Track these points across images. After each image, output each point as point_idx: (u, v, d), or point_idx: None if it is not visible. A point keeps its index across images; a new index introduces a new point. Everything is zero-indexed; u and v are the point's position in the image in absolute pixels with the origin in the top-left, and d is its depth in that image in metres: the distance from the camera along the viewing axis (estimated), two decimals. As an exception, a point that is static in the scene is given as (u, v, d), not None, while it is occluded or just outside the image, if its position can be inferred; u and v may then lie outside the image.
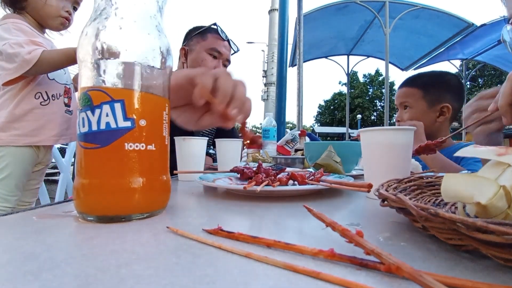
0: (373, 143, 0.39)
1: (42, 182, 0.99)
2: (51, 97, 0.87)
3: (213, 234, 0.23)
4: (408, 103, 0.96)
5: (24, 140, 0.82)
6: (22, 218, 0.28)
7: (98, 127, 0.26)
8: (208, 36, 0.98)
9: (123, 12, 0.28)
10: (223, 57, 0.99)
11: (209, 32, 0.99)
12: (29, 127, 0.82)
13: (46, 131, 0.86)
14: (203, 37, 0.99)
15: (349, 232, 0.18)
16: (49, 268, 0.17)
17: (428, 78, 0.98)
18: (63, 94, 0.91)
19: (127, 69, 0.27)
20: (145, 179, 0.28)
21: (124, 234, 0.24)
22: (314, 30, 4.36)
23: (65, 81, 0.93)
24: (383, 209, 0.31)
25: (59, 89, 0.90)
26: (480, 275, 0.16)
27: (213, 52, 0.97)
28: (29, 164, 0.86)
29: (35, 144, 0.84)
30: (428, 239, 0.22)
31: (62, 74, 0.91)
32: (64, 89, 0.92)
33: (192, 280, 0.15)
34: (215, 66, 0.96)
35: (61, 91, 0.91)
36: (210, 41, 0.97)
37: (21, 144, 0.81)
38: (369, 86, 29.68)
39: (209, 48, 0.97)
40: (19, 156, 0.82)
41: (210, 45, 0.97)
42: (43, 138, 0.85)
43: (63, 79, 0.92)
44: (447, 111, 0.91)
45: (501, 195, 0.20)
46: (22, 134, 0.81)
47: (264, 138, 1.22)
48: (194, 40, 1.00)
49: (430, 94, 0.93)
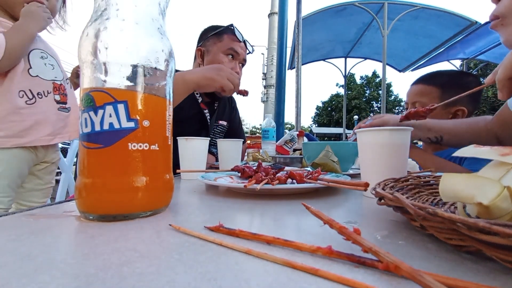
0: (370, 143, 0.40)
1: (53, 181, 0.96)
2: (37, 95, 0.81)
3: (215, 231, 0.23)
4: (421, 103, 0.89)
5: (11, 142, 0.77)
6: (21, 219, 0.28)
7: (101, 128, 0.27)
8: (225, 37, 0.98)
9: (125, 13, 0.28)
10: (240, 57, 1.00)
11: (225, 33, 0.99)
12: (16, 128, 0.77)
13: (36, 131, 0.81)
14: (220, 38, 0.99)
15: (346, 230, 0.18)
16: (47, 269, 0.17)
17: (448, 77, 0.92)
18: (52, 91, 0.85)
19: (130, 71, 0.28)
20: (148, 178, 0.29)
21: (126, 232, 0.24)
22: (313, 33, 4.37)
23: (53, 77, 0.86)
24: (380, 207, 0.32)
25: (46, 86, 0.83)
26: (484, 278, 0.16)
27: (231, 52, 0.97)
28: (25, 164, 0.81)
29: (25, 145, 0.80)
30: (427, 238, 0.22)
31: (48, 70, 0.85)
32: (52, 86, 0.85)
33: (194, 277, 0.16)
34: (233, 67, 0.97)
35: (48, 88, 0.84)
36: (227, 42, 0.97)
37: (8, 146, 0.76)
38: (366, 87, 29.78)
39: (227, 49, 0.97)
40: (9, 157, 0.77)
41: (227, 46, 0.97)
42: (34, 138, 0.80)
43: (49, 75, 0.85)
44: (461, 114, 0.86)
45: (506, 196, 0.19)
46: (8, 135, 0.76)
47: (263, 139, 1.23)
48: (211, 41, 1.00)
49: (447, 94, 0.85)
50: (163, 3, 0.31)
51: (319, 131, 27.16)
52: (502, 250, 0.15)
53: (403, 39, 4.63)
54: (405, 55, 5.15)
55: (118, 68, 0.27)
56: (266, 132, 1.23)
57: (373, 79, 29.03)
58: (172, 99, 0.33)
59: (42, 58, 0.85)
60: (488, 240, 0.15)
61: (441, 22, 4.12)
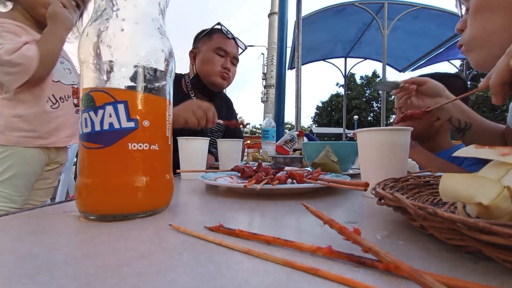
0: (370, 143, 0.40)
1: (56, 181, 0.98)
2: (60, 99, 0.86)
3: (215, 231, 0.23)
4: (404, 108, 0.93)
5: (36, 142, 0.81)
6: (21, 219, 0.28)
7: (101, 128, 0.27)
8: (214, 36, 1.01)
9: (125, 13, 0.28)
10: (230, 55, 1.02)
11: (214, 32, 1.02)
12: (42, 129, 0.82)
13: (58, 133, 0.86)
14: (209, 37, 1.01)
15: (346, 230, 0.18)
16: (47, 270, 0.16)
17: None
18: (72, 95, 0.90)
19: (130, 71, 0.28)
20: (149, 178, 0.29)
21: (126, 232, 0.24)
22: (313, 33, 4.37)
23: (71, 81, 0.91)
24: (380, 207, 0.32)
25: (67, 90, 0.89)
26: (484, 278, 0.16)
27: (220, 51, 1.00)
28: (39, 164, 0.85)
29: (47, 146, 0.84)
30: (427, 238, 0.22)
31: (67, 74, 0.90)
32: (72, 90, 0.91)
33: (194, 277, 0.16)
34: (223, 64, 1.00)
35: (69, 93, 0.90)
36: (216, 41, 1.00)
37: (31, 146, 0.80)
38: (366, 87, 29.81)
39: (216, 48, 0.99)
40: (27, 156, 0.80)
41: (216, 45, 0.99)
42: (56, 140, 0.85)
43: (68, 79, 0.90)
44: None
45: (506, 196, 0.19)
46: (34, 136, 0.81)
47: (263, 139, 1.23)
48: (201, 42, 1.03)
49: None
50: (163, 3, 0.31)
51: (319, 131, 27.17)
52: (502, 250, 0.15)
53: (403, 39, 4.63)
54: (405, 55, 5.15)
55: (118, 68, 0.27)
56: (266, 132, 1.23)
57: (373, 79, 29.05)
58: (171, 99, 0.33)
59: (61, 63, 0.88)
60: (488, 240, 0.15)
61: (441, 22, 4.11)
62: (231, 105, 1.26)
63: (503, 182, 0.20)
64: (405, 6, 4.05)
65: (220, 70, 0.99)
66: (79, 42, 0.28)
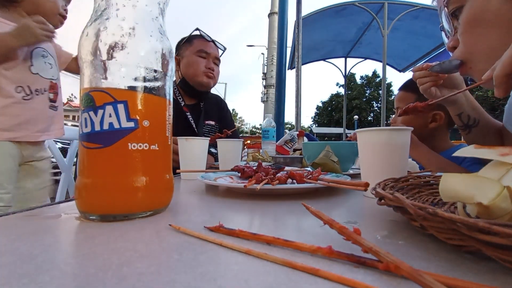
0: (370, 143, 0.40)
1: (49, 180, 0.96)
2: (35, 91, 0.84)
3: (214, 231, 0.23)
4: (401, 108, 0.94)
5: (3, 135, 0.78)
6: (21, 219, 0.28)
7: (101, 128, 0.27)
8: (194, 41, 1.09)
9: (125, 13, 0.28)
10: (211, 55, 1.09)
11: (194, 38, 1.11)
12: (9, 121, 0.79)
13: (28, 127, 0.83)
14: (190, 43, 1.10)
15: (346, 230, 0.18)
16: (47, 269, 0.16)
17: None
18: (48, 89, 0.88)
19: (130, 71, 0.28)
20: (148, 178, 0.29)
21: (126, 232, 0.24)
22: (313, 33, 4.38)
23: (51, 76, 0.89)
24: (380, 208, 0.32)
25: (44, 84, 0.87)
26: (484, 278, 0.16)
27: (201, 53, 1.08)
28: (11, 159, 0.82)
29: (16, 140, 0.81)
30: (427, 238, 0.22)
31: (47, 68, 0.88)
32: (49, 84, 0.89)
33: (194, 277, 0.16)
34: (206, 65, 1.07)
35: (46, 86, 0.87)
36: (197, 45, 1.08)
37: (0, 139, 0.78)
38: (366, 87, 29.81)
39: (197, 51, 1.07)
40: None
41: (198, 48, 1.08)
42: (25, 133, 0.82)
43: (48, 74, 0.88)
44: (439, 118, 0.88)
45: (505, 196, 0.19)
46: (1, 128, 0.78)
47: (263, 139, 1.24)
48: (183, 48, 1.11)
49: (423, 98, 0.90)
50: (163, 3, 0.31)
51: (319, 131, 27.19)
52: (502, 250, 0.15)
53: (403, 39, 4.63)
54: (405, 55, 5.15)
55: (118, 68, 0.27)
56: (266, 132, 1.23)
57: (373, 79, 29.07)
58: (172, 99, 0.33)
59: (43, 57, 0.88)
60: (488, 240, 0.15)
61: (442, 21, 4.10)
62: (224, 105, 1.28)
63: (503, 182, 0.20)
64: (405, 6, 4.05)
65: (204, 70, 1.06)
66: (79, 42, 0.28)
